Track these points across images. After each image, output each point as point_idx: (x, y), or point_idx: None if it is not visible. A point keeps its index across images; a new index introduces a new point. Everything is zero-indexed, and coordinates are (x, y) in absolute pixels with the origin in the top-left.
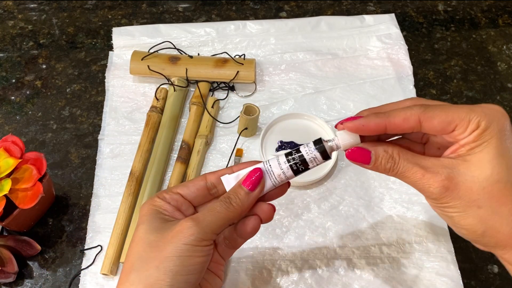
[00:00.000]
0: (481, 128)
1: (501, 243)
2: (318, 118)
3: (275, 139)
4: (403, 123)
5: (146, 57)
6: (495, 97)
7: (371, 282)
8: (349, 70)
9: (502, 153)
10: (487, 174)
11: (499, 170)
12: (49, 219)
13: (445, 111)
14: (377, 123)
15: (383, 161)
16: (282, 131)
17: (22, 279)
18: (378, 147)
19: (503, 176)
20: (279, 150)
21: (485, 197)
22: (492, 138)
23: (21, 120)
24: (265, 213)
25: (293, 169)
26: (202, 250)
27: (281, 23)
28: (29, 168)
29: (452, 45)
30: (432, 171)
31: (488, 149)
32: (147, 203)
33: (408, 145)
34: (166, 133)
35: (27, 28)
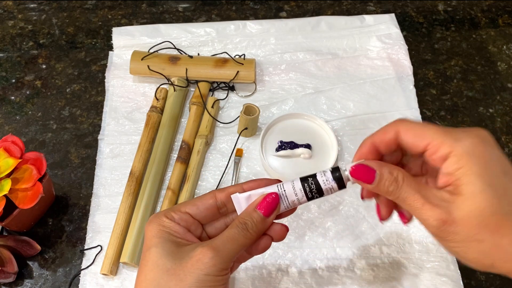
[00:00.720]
0: (455, 156)
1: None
2: (318, 118)
3: (275, 139)
4: (383, 135)
5: (146, 57)
6: (495, 97)
7: (371, 282)
8: (349, 70)
9: (490, 183)
10: (482, 207)
11: (492, 201)
12: (49, 219)
13: (421, 127)
14: (367, 145)
15: (387, 182)
16: (282, 131)
17: (22, 279)
18: (384, 167)
19: (497, 208)
20: (279, 150)
21: (484, 231)
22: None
23: (21, 120)
24: (277, 234)
25: (307, 197)
26: (223, 279)
27: (281, 23)
28: (29, 168)
29: (452, 45)
30: (431, 202)
31: (475, 181)
32: (154, 223)
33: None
34: (166, 133)
35: (27, 28)
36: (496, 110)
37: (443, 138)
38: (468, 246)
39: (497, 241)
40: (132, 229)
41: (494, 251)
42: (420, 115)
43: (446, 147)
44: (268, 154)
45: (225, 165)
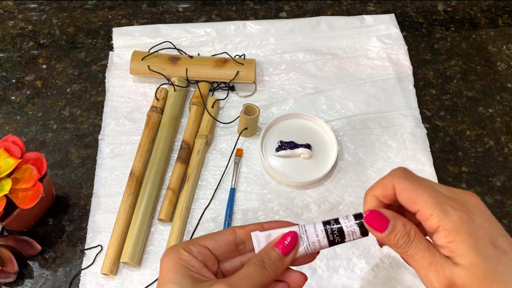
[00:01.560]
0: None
1: None
2: (318, 118)
3: (275, 139)
4: (383, 191)
5: (146, 57)
6: (494, 97)
7: (371, 282)
8: (349, 70)
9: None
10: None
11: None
12: (49, 219)
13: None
14: (371, 199)
15: (399, 234)
16: (282, 131)
17: (22, 279)
18: (398, 219)
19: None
20: (279, 150)
21: None
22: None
23: (22, 120)
24: (295, 282)
25: (329, 239)
26: None
27: (281, 23)
28: (29, 168)
29: (452, 45)
30: (437, 265)
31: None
32: (171, 255)
33: None
34: (166, 133)
35: (28, 28)
36: (496, 110)
37: (432, 210)
38: None
39: None
40: (132, 229)
41: None
42: (420, 115)
43: (435, 220)
44: (268, 154)
45: (225, 165)
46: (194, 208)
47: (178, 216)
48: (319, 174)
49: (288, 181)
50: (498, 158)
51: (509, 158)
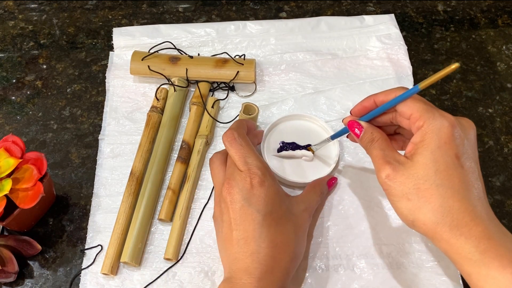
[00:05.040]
0: (423, 130)
1: (428, 234)
2: (319, 119)
3: (276, 139)
4: (385, 97)
5: (146, 57)
6: (494, 97)
7: (371, 282)
8: (349, 70)
9: (436, 159)
10: (419, 174)
11: (428, 172)
12: (49, 219)
13: (413, 99)
14: (368, 100)
15: (365, 139)
16: (283, 132)
17: (22, 279)
18: (369, 128)
19: (431, 179)
20: (280, 151)
21: (414, 192)
22: (431, 143)
23: (22, 120)
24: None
25: None
26: None
27: (281, 23)
28: (29, 168)
29: (452, 45)
30: (386, 160)
31: (426, 154)
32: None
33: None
34: (166, 133)
35: (28, 28)
36: (496, 110)
37: (422, 113)
38: (399, 201)
39: (421, 204)
40: (133, 229)
41: (417, 212)
42: None
43: (421, 121)
44: (269, 154)
45: None
46: (194, 208)
47: (178, 216)
48: (320, 175)
49: (289, 182)
50: (498, 158)
51: (509, 158)
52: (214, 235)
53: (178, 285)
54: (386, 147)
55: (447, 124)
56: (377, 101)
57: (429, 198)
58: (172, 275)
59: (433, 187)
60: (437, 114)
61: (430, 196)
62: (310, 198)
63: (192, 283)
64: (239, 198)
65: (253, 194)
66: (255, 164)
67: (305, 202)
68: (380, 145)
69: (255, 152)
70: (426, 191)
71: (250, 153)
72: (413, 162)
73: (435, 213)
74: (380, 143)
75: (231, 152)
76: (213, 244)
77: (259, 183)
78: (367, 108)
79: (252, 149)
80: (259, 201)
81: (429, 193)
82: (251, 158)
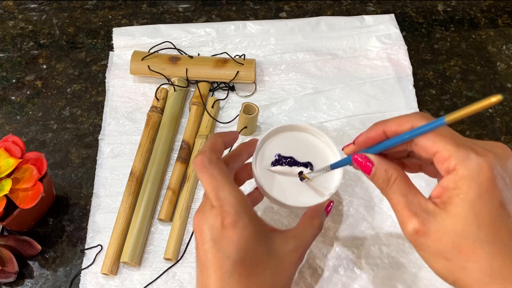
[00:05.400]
0: (457, 175)
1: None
2: (325, 135)
3: (273, 150)
4: (398, 127)
5: (146, 57)
6: None
7: (371, 282)
8: (349, 70)
9: (478, 212)
10: (458, 230)
11: (471, 228)
12: (49, 219)
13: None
14: (378, 131)
15: (380, 179)
16: (282, 143)
17: (22, 279)
18: (381, 164)
19: (474, 235)
20: (275, 164)
21: (454, 251)
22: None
23: (22, 120)
24: None
25: None
26: None
27: (281, 23)
28: (29, 168)
29: (452, 45)
30: (411, 210)
31: (464, 206)
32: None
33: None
34: (166, 133)
35: (28, 28)
36: (496, 110)
37: (452, 153)
38: (436, 260)
39: (464, 264)
40: (133, 229)
41: (459, 272)
42: None
43: (451, 162)
44: (262, 166)
45: None
46: (194, 208)
47: (178, 216)
48: (318, 199)
49: (280, 203)
50: None
51: None
52: None
53: (178, 285)
54: (408, 190)
55: (486, 167)
56: (387, 131)
57: (474, 258)
58: (172, 275)
59: (477, 245)
60: (472, 154)
61: (474, 255)
62: (305, 234)
63: (192, 283)
64: (208, 237)
65: (224, 236)
66: (229, 200)
67: (297, 239)
68: (399, 187)
69: (230, 184)
70: (468, 249)
71: (223, 185)
72: (448, 214)
73: (482, 274)
74: (399, 185)
75: (201, 182)
76: None
77: (232, 224)
78: (375, 140)
79: (227, 179)
80: (230, 246)
81: (472, 252)
82: (224, 191)
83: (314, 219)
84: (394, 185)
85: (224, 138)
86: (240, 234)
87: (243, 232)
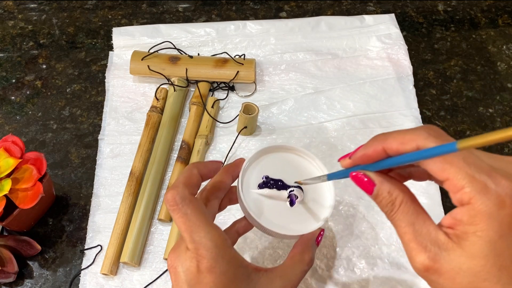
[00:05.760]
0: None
1: None
2: (316, 159)
3: (262, 171)
4: (401, 146)
5: (146, 57)
6: (495, 97)
7: (371, 282)
8: (349, 70)
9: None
10: (476, 270)
11: (490, 269)
12: (49, 219)
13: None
14: (375, 148)
15: (383, 201)
16: (270, 165)
17: (22, 279)
18: (384, 184)
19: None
20: (262, 187)
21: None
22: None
23: (21, 120)
24: None
25: None
26: None
27: (281, 23)
28: (29, 168)
29: (452, 45)
30: (421, 243)
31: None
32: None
33: None
34: (166, 133)
35: (27, 28)
36: (496, 110)
37: (465, 182)
38: None
39: None
40: (132, 229)
41: None
42: (420, 115)
43: (466, 194)
44: (248, 189)
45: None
46: None
47: None
48: (309, 226)
49: (268, 231)
50: None
51: None
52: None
53: None
54: (416, 217)
55: (509, 201)
56: (388, 149)
57: None
58: None
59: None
60: (491, 184)
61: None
62: (294, 272)
63: None
64: (183, 281)
65: (200, 281)
66: (204, 243)
67: (284, 278)
68: (406, 214)
69: (206, 224)
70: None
71: (198, 226)
72: (463, 251)
73: None
74: (405, 211)
75: (174, 221)
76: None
77: (208, 268)
78: (373, 158)
79: (202, 218)
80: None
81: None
82: (199, 233)
83: (304, 253)
84: (400, 210)
85: (202, 170)
86: (217, 279)
87: (221, 277)
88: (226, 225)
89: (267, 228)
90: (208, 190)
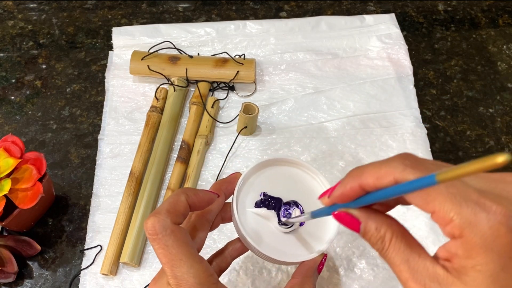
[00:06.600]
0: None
1: None
2: (319, 174)
3: (260, 187)
4: (377, 182)
5: (146, 57)
6: (495, 97)
7: (371, 282)
8: (349, 70)
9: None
10: None
11: None
12: (49, 219)
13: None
14: (351, 185)
15: (373, 239)
16: (270, 179)
17: (22, 279)
18: (370, 220)
19: None
20: (260, 206)
21: None
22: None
23: (21, 120)
24: None
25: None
26: None
27: (281, 23)
28: (29, 168)
29: (452, 45)
30: (419, 281)
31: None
32: None
33: None
34: (166, 133)
35: (27, 28)
36: (496, 110)
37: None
38: None
39: None
40: (132, 229)
41: None
42: (420, 115)
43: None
44: (243, 208)
45: (225, 165)
46: None
47: None
48: (310, 252)
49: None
50: None
51: None
52: (213, 235)
53: None
54: (410, 252)
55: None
56: (365, 186)
57: None
58: None
59: None
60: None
61: None
62: None
63: None
64: None
65: None
66: (186, 279)
67: None
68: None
69: (188, 258)
70: None
71: (179, 260)
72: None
73: None
74: (397, 247)
75: (155, 251)
76: (213, 244)
77: None
78: (351, 196)
79: (185, 251)
80: None
81: None
82: (181, 268)
83: (304, 284)
84: (391, 247)
85: (191, 198)
86: None
87: None
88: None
89: (265, 254)
90: (196, 214)
